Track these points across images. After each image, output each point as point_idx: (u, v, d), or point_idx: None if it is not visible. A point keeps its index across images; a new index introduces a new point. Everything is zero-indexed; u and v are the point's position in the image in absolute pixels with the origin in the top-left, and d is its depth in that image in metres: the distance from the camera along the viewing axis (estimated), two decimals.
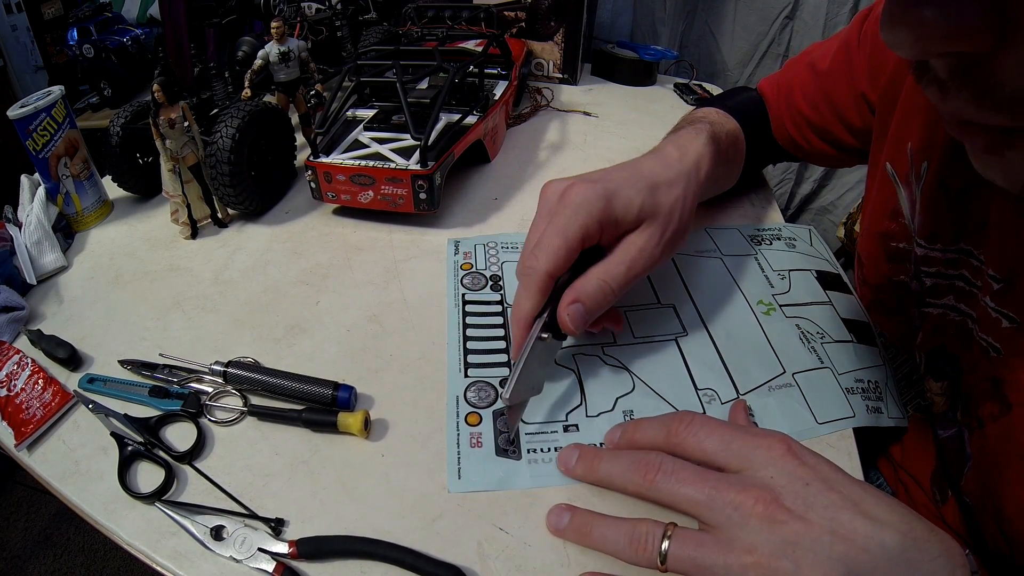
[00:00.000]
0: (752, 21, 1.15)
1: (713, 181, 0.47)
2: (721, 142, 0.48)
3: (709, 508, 0.29)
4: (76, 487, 0.38)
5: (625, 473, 0.33)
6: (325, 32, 0.86)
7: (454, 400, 0.41)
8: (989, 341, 0.36)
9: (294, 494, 0.36)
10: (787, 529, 0.27)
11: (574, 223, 0.36)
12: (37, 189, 0.60)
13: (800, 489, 0.28)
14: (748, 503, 0.28)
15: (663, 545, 0.29)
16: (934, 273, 0.41)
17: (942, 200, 0.39)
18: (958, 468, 0.41)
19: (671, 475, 0.31)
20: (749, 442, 0.31)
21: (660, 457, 0.32)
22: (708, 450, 0.32)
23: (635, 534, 0.30)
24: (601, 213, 0.36)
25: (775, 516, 0.28)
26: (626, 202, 0.37)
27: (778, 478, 0.29)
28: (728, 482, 0.30)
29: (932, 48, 0.22)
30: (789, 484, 0.29)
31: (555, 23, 0.92)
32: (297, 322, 0.49)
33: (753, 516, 0.28)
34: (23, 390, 0.43)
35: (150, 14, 1.50)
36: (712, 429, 0.32)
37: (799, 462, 0.30)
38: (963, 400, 0.39)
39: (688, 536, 0.29)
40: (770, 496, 0.28)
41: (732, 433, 0.32)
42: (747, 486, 0.29)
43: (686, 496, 0.30)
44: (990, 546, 0.38)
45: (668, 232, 0.39)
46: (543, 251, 0.36)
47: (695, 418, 0.33)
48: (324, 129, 0.61)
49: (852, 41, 0.50)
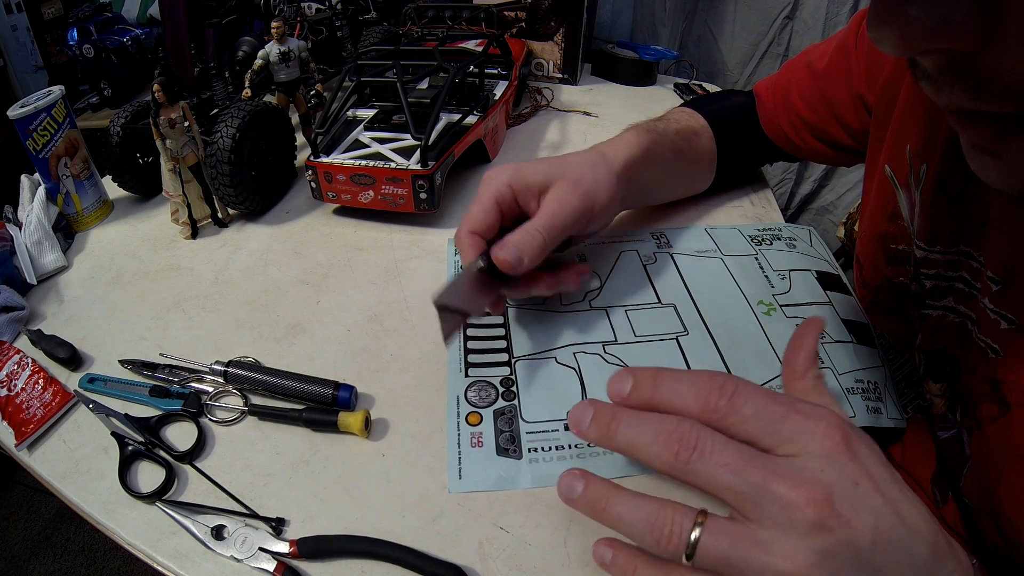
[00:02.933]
0: (752, 21, 1.15)
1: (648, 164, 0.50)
2: (665, 135, 0.53)
3: (754, 502, 0.25)
4: (76, 487, 0.38)
5: (652, 446, 0.27)
6: (325, 32, 0.86)
7: (455, 400, 0.41)
8: (988, 342, 0.36)
9: (295, 494, 0.36)
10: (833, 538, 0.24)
11: (487, 192, 0.43)
12: (37, 189, 0.60)
13: (850, 489, 0.25)
14: (799, 503, 0.25)
15: (693, 535, 0.25)
16: (934, 275, 0.41)
17: (942, 202, 0.39)
18: (957, 469, 0.41)
19: (711, 456, 0.26)
20: (802, 425, 0.27)
21: (697, 431, 0.27)
22: (753, 432, 0.27)
23: (659, 519, 0.26)
24: (510, 179, 0.43)
25: (826, 522, 0.24)
26: (534, 169, 0.44)
27: (829, 472, 0.25)
28: (777, 473, 0.25)
29: (917, 46, 0.22)
30: (840, 482, 0.25)
31: (555, 23, 0.92)
32: (297, 322, 0.49)
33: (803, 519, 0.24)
34: (23, 390, 0.43)
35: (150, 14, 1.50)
36: (759, 404, 0.27)
37: (852, 455, 0.26)
38: (962, 401, 0.39)
39: (724, 528, 0.25)
40: (823, 497, 0.25)
41: (784, 411, 0.27)
42: (799, 481, 0.25)
43: (728, 484, 0.26)
44: (989, 547, 0.38)
45: (581, 187, 0.43)
46: (465, 219, 0.43)
47: (737, 387, 0.27)
48: (324, 129, 0.61)
49: (849, 42, 0.50)
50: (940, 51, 0.22)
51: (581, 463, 0.37)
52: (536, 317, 0.47)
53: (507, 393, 0.41)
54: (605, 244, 0.54)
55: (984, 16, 0.20)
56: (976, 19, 0.20)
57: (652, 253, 0.54)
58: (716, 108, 0.60)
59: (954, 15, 0.20)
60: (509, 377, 0.42)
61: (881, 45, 0.22)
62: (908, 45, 0.22)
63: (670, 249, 0.54)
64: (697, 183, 0.60)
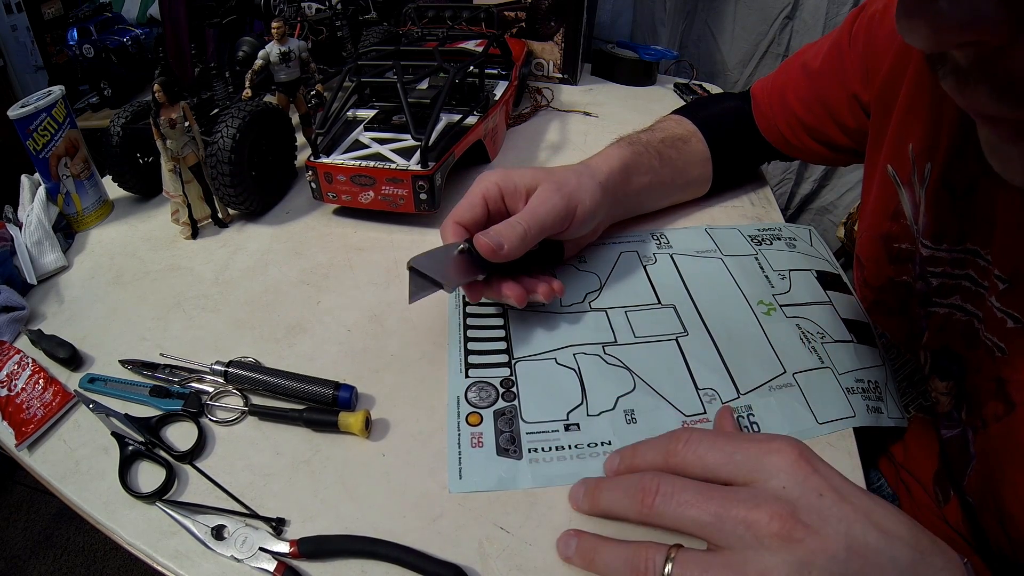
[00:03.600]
0: (752, 21, 1.15)
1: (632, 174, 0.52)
2: (650, 145, 0.55)
3: (718, 529, 0.27)
4: (77, 487, 0.38)
5: (624, 499, 0.31)
6: (325, 32, 0.86)
7: (455, 400, 0.41)
8: (994, 341, 0.36)
9: (295, 494, 0.36)
10: (804, 548, 0.25)
11: (476, 189, 0.46)
12: (37, 189, 0.60)
13: (814, 501, 0.26)
14: (762, 520, 0.26)
15: (665, 569, 0.27)
16: (940, 273, 0.41)
17: (947, 200, 0.39)
18: (961, 468, 0.41)
19: (671, 497, 0.29)
20: (754, 450, 0.29)
21: (658, 478, 0.30)
22: (710, 464, 0.30)
23: (636, 558, 0.28)
24: (500, 180, 0.45)
25: (792, 534, 0.25)
26: (522, 172, 0.46)
27: (791, 489, 0.27)
28: (736, 498, 0.27)
29: (948, 39, 0.21)
30: (803, 496, 0.27)
31: (555, 23, 0.92)
32: (298, 322, 0.49)
33: (769, 535, 0.26)
34: (24, 390, 0.43)
35: (150, 14, 1.50)
36: (712, 441, 0.30)
37: (811, 469, 0.27)
38: (968, 400, 0.40)
39: (693, 559, 0.27)
40: (786, 511, 0.26)
41: (735, 443, 0.30)
42: (759, 501, 0.27)
43: (690, 519, 0.28)
44: (992, 546, 0.38)
45: (565, 189, 0.45)
46: (452, 211, 0.45)
47: (693, 433, 0.31)
48: (324, 129, 0.61)
49: (843, 41, 0.50)
50: (970, 45, 0.21)
51: (581, 463, 0.37)
52: (536, 318, 0.47)
53: (507, 394, 0.41)
54: (605, 244, 0.54)
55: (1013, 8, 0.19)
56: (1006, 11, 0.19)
57: (652, 253, 0.54)
58: (707, 114, 0.61)
59: (984, 6, 0.20)
60: (509, 378, 0.42)
61: (910, 38, 0.22)
62: (938, 38, 0.21)
63: (670, 249, 0.54)
64: (691, 189, 0.60)
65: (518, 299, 0.44)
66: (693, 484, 0.29)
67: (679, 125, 0.59)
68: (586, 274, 0.51)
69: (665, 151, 0.55)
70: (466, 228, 0.44)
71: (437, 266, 0.42)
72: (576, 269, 0.52)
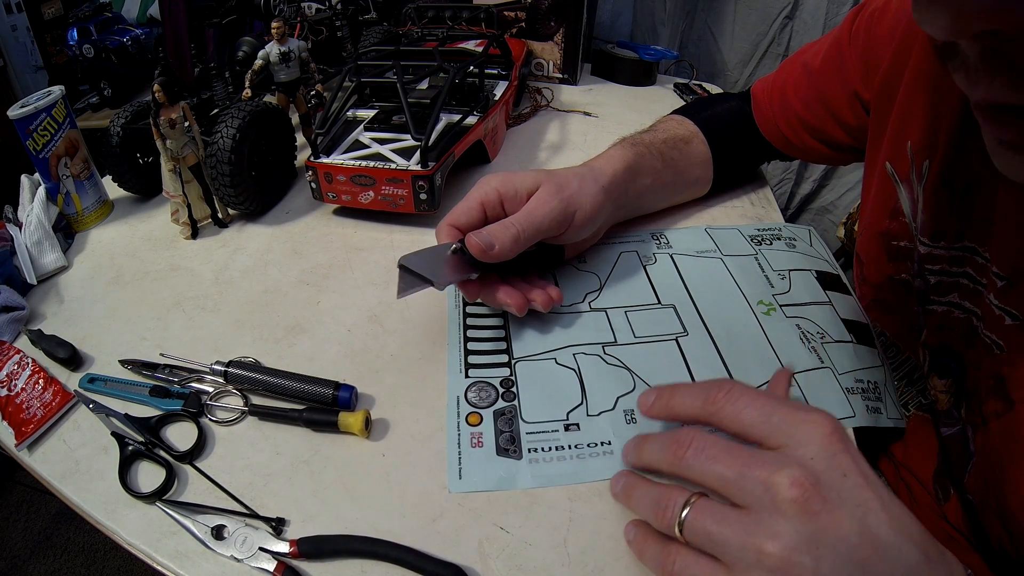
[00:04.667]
0: (752, 21, 1.15)
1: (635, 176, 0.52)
2: (652, 146, 0.54)
3: (739, 487, 0.27)
4: (77, 487, 0.38)
5: (659, 453, 0.32)
6: (325, 32, 0.86)
7: (455, 400, 0.41)
8: (993, 338, 0.36)
9: (295, 494, 0.36)
10: (817, 522, 0.25)
11: (475, 192, 0.45)
12: (37, 189, 0.60)
13: (838, 479, 0.26)
14: (783, 484, 0.26)
15: (683, 513, 0.28)
16: (938, 271, 0.41)
17: (945, 198, 0.39)
18: (961, 466, 0.41)
19: (701, 451, 0.29)
20: (792, 417, 0.28)
21: (692, 434, 0.30)
22: (746, 421, 0.29)
23: (660, 499, 0.29)
24: (499, 184, 0.45)
25: (809, 504, 0.25)
26: (523, 176, 0.45)
27: (818, 461, 0.26)
28: (762, 460, 0.27)
29: (971, 26, 0.21)
30: (828, 471, 0.26)
31: (555, 23, 0.92)
32: (298, 322, 0.49)
33: (786, 500, 0.25)
34: (23, 390, 0.43)
35: (150, 14, 1.49)
36: (753, 399, 0.30)
37: (842, 447, 0.27)
38: (967, 397, 0.40)
39: (709, 508, 0.28)
40: (808, 480, 0.26)
41: (774, 405, 0.29)
42: (783, 465, 0.26)
43: (716, 474, 0.28)
44: (993, 544, 0.38)
45: (564, 192, 0.45)
46: (449, 213, 0.45)
47: (736, 386, 0.30)
48: (324, 129, 0.61)
49: (843, 39, 0.50)
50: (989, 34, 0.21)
51: (581, 464, 0.37)
52: (536, 318, 0.47)
53: (507, 394, 0.41)
54: (605, 244, 0.54)
55: None
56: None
57: (652, 253, 0.54)
58: (707, 114, 0.61)
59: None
60: (509, 378, 0.42)
61: (928, 26, 0.22)
62: (959, 26, 0.21)
63: (670, 249, 0.54)
64: (692, 190, 0.60)
65: (518, 307, 0.44)
66: (724, 441, 0.29)
67: (681, 126, 0.59)
68: (586, 274, 0.51)
69: (667, 152, 0.55)
70: (461, 231, 0.44)
71: (428, 264, 0.42)
72: (576, 269, 0.52)
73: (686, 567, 0.28)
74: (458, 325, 0.47)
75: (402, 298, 0.41)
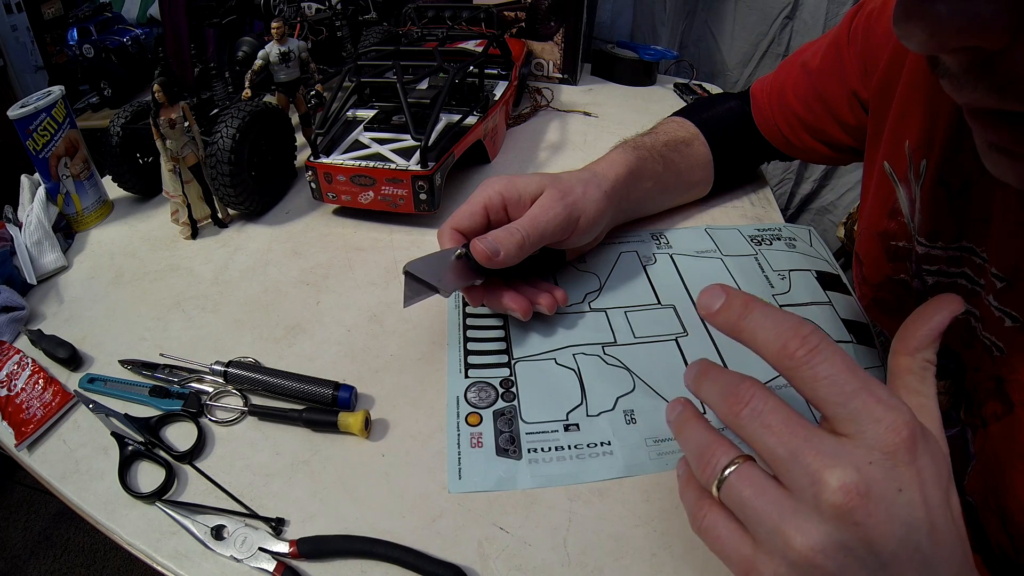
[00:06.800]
0: (752, 21, 1.15)
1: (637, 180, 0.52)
2: (654, 149, 0.54)
3: (787, 468, 0.25)
4: (76, 487, 0.38)
5: (715, 397, 0.29)
6: (325, 32, 0.86)
7: (454, 400, 0.41)
8: (992, 340, 0.36)
9: (294, 494, 0.36)
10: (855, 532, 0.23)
11: (478, 196, 0.45)
12: (37, 189, 0.60)
13: (891, 492, 0.24)
14: (831, 485, 0.23)
15: (726, 471, 0.26)
16: (936, 271, 0.41)
17: (942, 198, 0.39)
18: (961, 468, 0.41)
19: (758, 415, 0.26)
20: (871, 410, 0.25)
21: (754, 390, 0.27)
22: (820, 394, 0.26)
23: (706, 450, 0.28)
24: (503, 188, 0.45)
25: (852, 514, 0.23)
26: (527, 180, 0.45)
27: (877, 468, 0.24)
28: (818, 448, 0.24)
29: (945, 43, 0.21)
30: (884, 480, 0.24)
31: (555, 23, 0.92)
32: (297, 322, 0.49)
33: (828, 503, 0.23)
34: (23, 390, 0.43)
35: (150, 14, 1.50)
36: (836, 369, 0.26)
37: (911, 459, 0.24)
38: (966, 399, 0.39)
39: (751, 476, 0.26)
40: (858, 489, 0.23)
41: (857, 389, 0.25)
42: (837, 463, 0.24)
43: (768, 445, 0.26)
44: (993, 546, 0.38)
45: (569, 198, 0.45)
46: (451, 216, 0.45)
47: (821, 343, 0.26)
48: (324, 129, 0.61)
49: (842, 39, 0.50)
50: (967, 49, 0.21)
51: (580, 464, 0.37)
52: (536, 318, 0.47)
53: (507, 394, 0.41)
54: (605, 245, 0.54)
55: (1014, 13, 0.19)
56: (1006, 16, 0.19)
57: (652, 253, 0.54)
58: (708, 115, 0.61)
59: (984, 11, 0.19)
60: (509, 378, 0.42)
61: (907, 41, 0.22)
62: (936, 42, 0.21)
63: (670, 249, 0.54)
64: (693, 191, 0.60)
65: (523, 311, 0.44)
66: (786, 411, 0.26)
67: (681, 127, 0.59)
68: (586, 274, 0.51)
69: (669, 155, 0.55)
70: (464, 235, 0.44)
71: (433, 271, 0.42)
72: (576, 269, 0.52)
73: (714, 526, 0.27)
74: (458, 325, 0.47)
75: (409, 306, 0.41)
